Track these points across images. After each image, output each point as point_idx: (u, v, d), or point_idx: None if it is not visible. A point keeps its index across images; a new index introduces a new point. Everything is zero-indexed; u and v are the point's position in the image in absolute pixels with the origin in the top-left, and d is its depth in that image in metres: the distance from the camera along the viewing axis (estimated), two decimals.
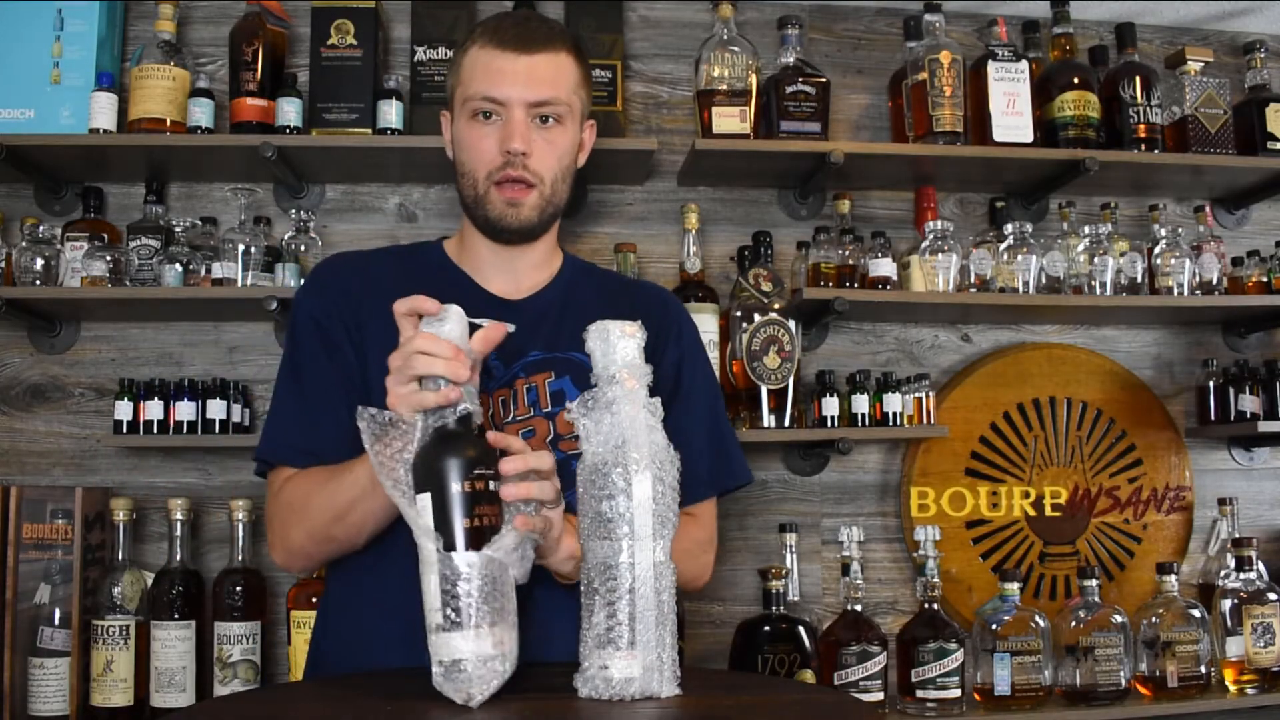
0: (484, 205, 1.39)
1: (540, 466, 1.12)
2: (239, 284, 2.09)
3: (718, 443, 1.49)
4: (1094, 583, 2.18)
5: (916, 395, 2.28)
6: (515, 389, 1.37)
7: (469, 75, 1.38)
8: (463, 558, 1.03)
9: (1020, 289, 2.29)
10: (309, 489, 1.30)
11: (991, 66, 2.30)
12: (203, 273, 2.11)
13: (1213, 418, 2.48)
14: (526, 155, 1.35)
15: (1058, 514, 2.44)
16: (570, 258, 1.54)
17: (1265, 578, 2.25)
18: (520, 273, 1.46)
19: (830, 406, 2.25)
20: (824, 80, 2.27)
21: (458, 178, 1.42)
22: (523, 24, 1.40)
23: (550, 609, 1.29)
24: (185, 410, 2.08)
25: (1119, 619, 2.15)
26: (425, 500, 1.05)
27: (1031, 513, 2.44)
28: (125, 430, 2.07)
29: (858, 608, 2.12)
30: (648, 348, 1.34)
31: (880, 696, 2.08)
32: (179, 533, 2.01)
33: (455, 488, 1.04)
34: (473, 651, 1.01)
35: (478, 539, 1.04)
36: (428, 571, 1.04)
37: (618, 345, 1.09)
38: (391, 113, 2.14)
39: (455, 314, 1.12)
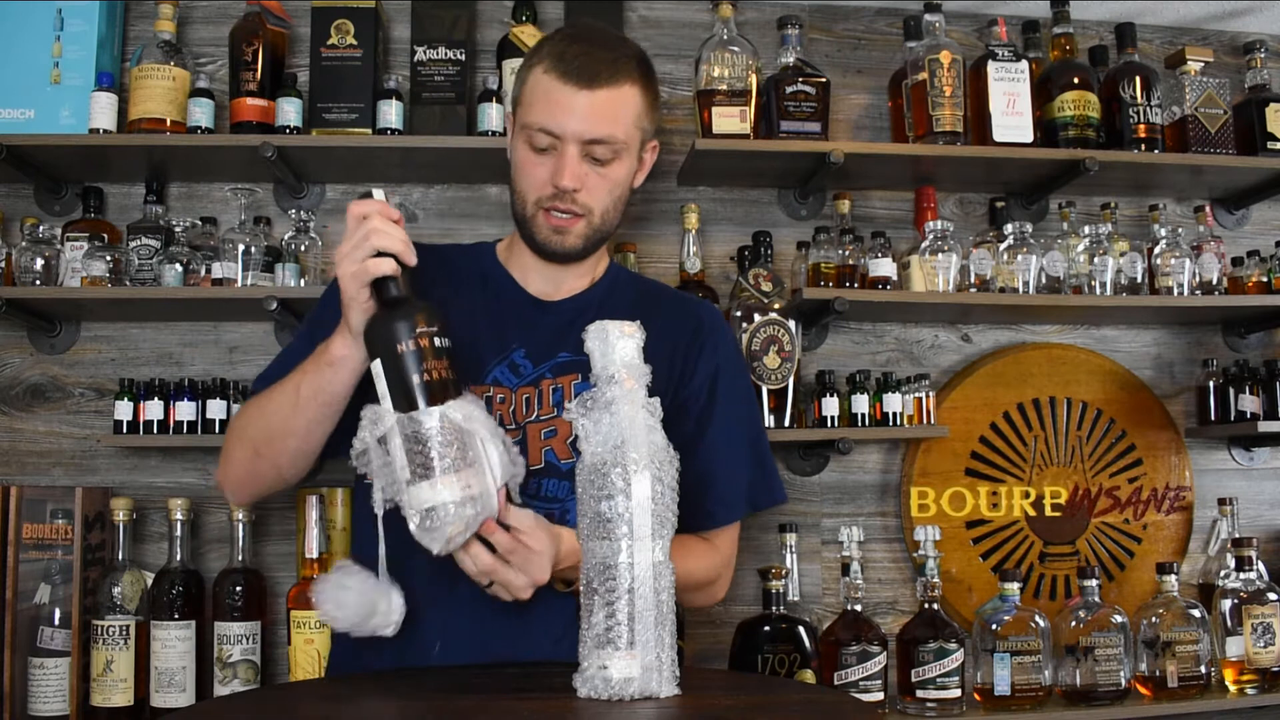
0: (530, 227, 1.39)
1: (523, 558, 1.15)
2: (239, 284, 2.09)
3: (759, 458, 1.49)
4: (1094, 583, 2.18)
5: (916, 395, 2.28)
6: (540, 389, 1.38)
7: (529, 99, 1.36)
8: (421, 412, 1.08)
9: (1020, 289, 2.29)
10: (252, 406, 1.36)
11: (991, 66, 2.30)
12: (203, 273, 2.11)
13: (1213, 418, 2.48)
14: (577, 191, 1.35)
15: (1058, 514, 2.44)
16: (616, 265, 1.54)
17: (1265, 578, 2.25)
18: (562, 279, 1.46)
19: (830, 406, 2.25)
20: (824, 80, 2.27)
21: (510, 192, 1.43)
22: (588, 54, 1.33)
23: (549, 609, 1.29)
24: (185, 410, 2.08)
25: (1119, 619, 2.15)
26: (377, 366, 1.11)
27: (1031, 513, 2.44)
28: (125, 430, 2.07)
29: (858, 608, 2.12)
30: (678, 359, 1.36)
31: (880, 696, 2.08)
32: (179, 533, 2.01)
33: (401, 347, 1.10)
34: (443, 498, 1.06)
35: (431, 393, 1.09)
36: (392, 437, 1.09)
37: (616, 345, 1.10)
38: (391, 113, 2.14)
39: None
